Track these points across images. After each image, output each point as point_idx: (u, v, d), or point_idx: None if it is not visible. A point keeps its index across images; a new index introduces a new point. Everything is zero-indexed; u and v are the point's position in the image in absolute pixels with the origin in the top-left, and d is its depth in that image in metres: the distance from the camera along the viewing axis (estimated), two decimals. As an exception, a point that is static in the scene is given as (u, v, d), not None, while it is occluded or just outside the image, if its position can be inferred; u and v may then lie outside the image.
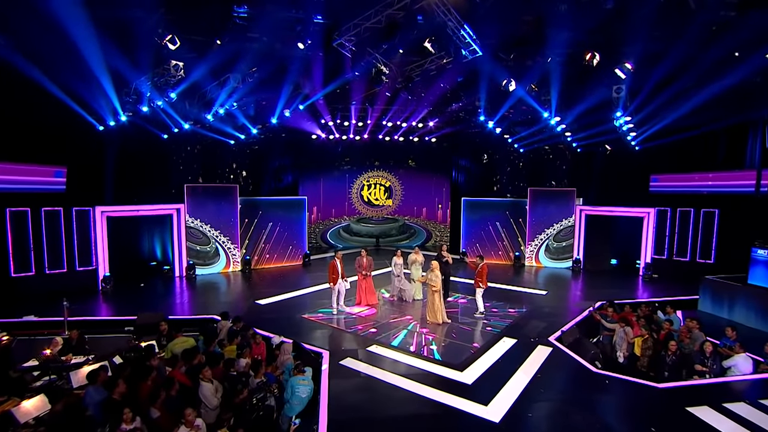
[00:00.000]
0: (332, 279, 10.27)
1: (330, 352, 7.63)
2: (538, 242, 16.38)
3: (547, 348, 7.88)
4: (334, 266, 10.27)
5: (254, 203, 15.78)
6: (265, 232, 15.97)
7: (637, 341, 7.82)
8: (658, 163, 15.09)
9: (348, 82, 13.54)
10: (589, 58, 11.68)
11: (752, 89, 12.23)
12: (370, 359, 7.45)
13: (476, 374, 6.78)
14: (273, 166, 19.22)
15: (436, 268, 9.34)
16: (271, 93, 13.27)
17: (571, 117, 14.01)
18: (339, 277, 10.26)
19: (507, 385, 6.38)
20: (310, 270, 15.50)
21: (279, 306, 10.91)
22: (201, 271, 14.44)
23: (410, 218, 21.05)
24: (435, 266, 9.42)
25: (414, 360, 7.40)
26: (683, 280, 13.07)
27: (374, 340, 8.41)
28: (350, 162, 20.37)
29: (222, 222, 14.94)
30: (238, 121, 15.35)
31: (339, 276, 10.26)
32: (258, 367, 5.80)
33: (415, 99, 15.15)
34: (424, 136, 19.56)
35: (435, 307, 9.24)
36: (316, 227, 20.48)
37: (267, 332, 8.15)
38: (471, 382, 6.50)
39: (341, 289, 10.44)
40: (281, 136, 17.92)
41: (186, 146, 15.63)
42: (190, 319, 9.67)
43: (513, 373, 6.80)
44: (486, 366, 7.10)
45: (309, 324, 9.47)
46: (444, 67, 12.67)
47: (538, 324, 9.34)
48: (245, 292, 12.54)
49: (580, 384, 6.60)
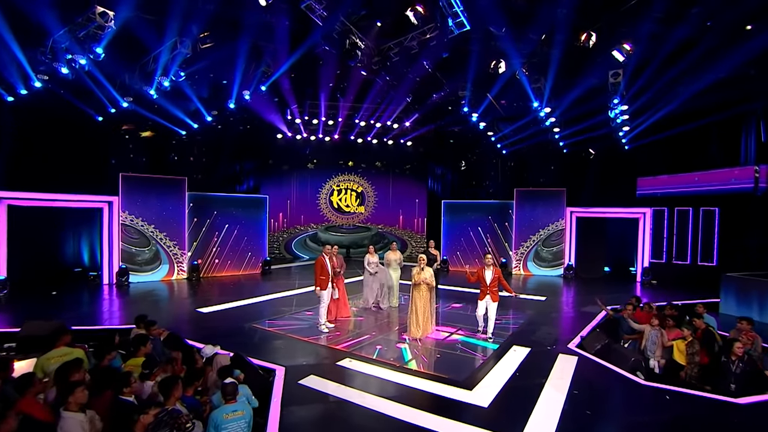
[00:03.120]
0: (320, 282, 7.56)
1: (286, 368, 5.58)
2: (525, 248, 14.94)
3: (571, 357, 6.15)
4: (323, 264, 7.58)
5: (207, 200, 13.52)
6: (219, 235, 13.69)
7: (678, 345, 6.25)
8: (649, 162, 14.19)
9: (317, 59, 11.87)
10: (585, 39, 10.60)
11: (747, 81, 11.53)
12: (341, 377, 5.46)
13: (491, 393, 4.92)
14: (232, 167, 17.09)
15: (423, 261, 7.27)
16: (227, 68, 11.36)
17: (563, 107, 12.88)
18: (329, 280, 7.64)
19: (537, 406, 4.56)
20: (270, 279, 13.28)
21: (225, 315, 8.70)
22: (137, 278, 11.93)
23: (384, 227, 19.24)
24: (424, 259, 7.37)
25: (403, 376, 5.45)
26: (686, 285, 11.91)
27: (348, 352, 6.40)
28: (319, 164, 18.53)
29: (166, 220, 12.59)
30: (190, 106, 13.28)
31: (329, 278, 7.64)
32: (170, 387, 3.67)
33: (392, 85, 13.65)
34: (399, 138, 18.12)
35: (423, 315, 7.07)
36: (280, 235, 18.33)
37: (199, 343, 5.98)
38: (487, 405, 4.63)
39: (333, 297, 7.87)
40: (241, 130, 15.88)
41: (126, 131, 13.27)
42: (100, 330, 7.30)
43: (539, 389, 5.00)
44: (501, 381, 5.26)
45: (261, 334, 7.34)
46: (426, 44, 11.25)
47: (550, 330, 7.65)
48: (187, 301, 10.20)
49: (633, 402, 4.87)
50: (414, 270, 7.17)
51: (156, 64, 10.21)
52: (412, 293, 7.11)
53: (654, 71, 10.93)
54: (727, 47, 9.98)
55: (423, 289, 7.03)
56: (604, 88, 12.05)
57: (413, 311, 7.03)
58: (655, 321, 6.67)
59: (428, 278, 7.04)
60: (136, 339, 4.89)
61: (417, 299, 7.01)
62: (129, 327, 6.34)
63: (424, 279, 7.02)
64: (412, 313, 7.05)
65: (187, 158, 14.30)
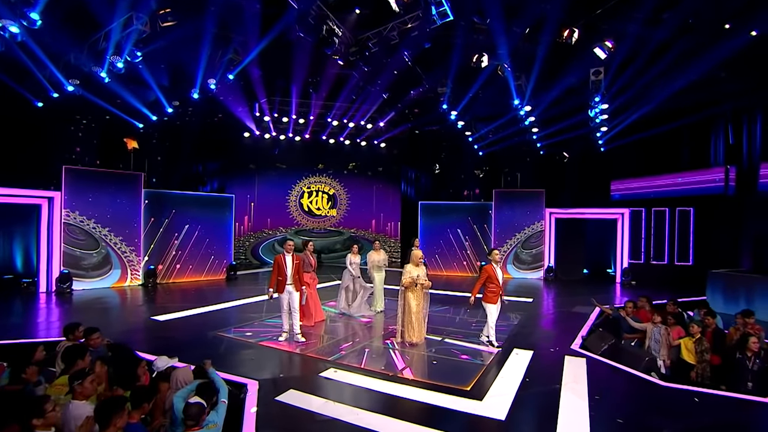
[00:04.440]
0: (275, 284, 6.36)
1: (260, 382, 4.69)
2: (505, 250, 14.59)
3: (578, 359, 5.62)
4: (280, 264, 6.36)
5: (166, 198, 12.24)
6: (180, 236, 12.44)
7: (686, 343, 5.86)
8: (623, 164, 14.30)
9: (290, 47, 11.07)
10: (567, 35, 10.43)
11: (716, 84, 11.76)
12: (327, 390, 4.63)
13: (505, 403, 4.25)
14: (194, 165, 15.85)
15: (418, 258, 6.48)
16: (191, 52, 10.33)
17: (543, 105, 12.70)
18: (286, 282, 6.33)
19: (561, 416, 3.93)
20: (237, 285, 12.16)
21: (186, 323, 7.61)
22: (82, 285, 10.51)
23: (357, 230, 18.46)
24: (419, 256, 6.53)
25: (399, 387, 4.69)
26: (664, 285, 11.87)
27: (331, 362, 5.57)
28: (289, 165, 17.56)
29: (118, 220, 11.25)
30: (149, 95, 12.07)
31: (286, 279, 6.33)
32: (110, 413, 2.75)
33: (369, 80, 13.03)
34: (373, 138, 17.53)
35: (417, 317, 6.30)
36: (247, 240, 17.15)
37: (151, 355, 4.98)
38: (504, 417, 3.94)
39: (293, 302, 6.41)
40: (205, 124, 14.71)
41: (72, 120, 11.81)
42: (22, 343, 6.05)
43: (556, 396, 4.39)
44: (512, 389, 4.61)
45: (228, 343, 6.36)
46: (407, 34, 10.73)
47: (546, 331, 7.15)
48: (141, 309, 8.98)
49: (662, 406, 4.33)
50: (407, 267, 6.40)
51: (108, 42, 9.05)
52: (405, 294, 6.33)
53: (635, 70, 10.91)
54: (704, 48, 10.07)
55: (417, 290, 6.28)
56: (584, 87, 11.98)
57: (407, 313, 6.24)
58: (657, 318, 6.29)
59: (423, 277, 6.29)
60: (70, 351, 3.87)
61: (411, 300, 6.24)
62: (59, 339, 5.22)
63: (417, 277, 6.26)
64: (406, 315, 6.26)
65: (145, 153, 12.97)
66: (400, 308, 6.38)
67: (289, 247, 6.44)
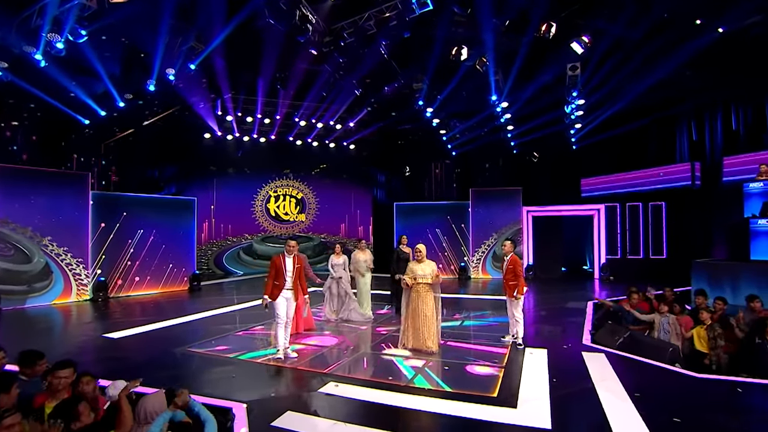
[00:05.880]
0: (269, 289, 5.32)
1: (248, 405, 3.86)
2: (484, 250, 14.32)
3: (595, 354, 5.20)
4: (278, 267, 5.36)
5: (116, 200, 10.90)
6: (135, 244, 11.10)
7: (698, 332, 5.62)
8: (595, 161, 14.51)
9: (258, 33, 10.21)
10: (545, 29, 10.33)
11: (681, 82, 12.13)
12: (332, 409, 3.87)
13: (542, 408, 3.68)
14: (150, 167, 14.45)
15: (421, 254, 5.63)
16: (147, 35, 9.25)
17: (519, 103, 12.59)
18: (285, 287, 5.33)
19: (612, 420, 3.41)
20: (201, 296, 10.99)
21: (146, 339, 6.52)
22: (13, 304, 9.00)
23: (328, 236, 17.59)
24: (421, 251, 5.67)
25: (416, 399, 4.01)
26: (642, 279, 11.93)
27: (329, 374, 4.80)
28: (254, 168, 16.50)
29: (61, 227, 9.81)
30: (97, 87, 10.74)
31: (285, 285, 5.32)
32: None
33: (341, 74, 12.36)
34: (342, 140, 16.85)
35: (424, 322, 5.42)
36: (209, 248, 15.83)
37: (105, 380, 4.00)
38: (550, 425, 3.36)
39: (288, 311, 5.41)
40: (165, 121, 13.42)
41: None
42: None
43: (593, 396, 3.89)
44: (542, 392, 4.07)
45: (201, 360, 5.42)
46: (385, 24, 10.22)
47: (550, 329, 6.74)
48: (89, 326, 7.72)
49: (712, 400, 3.94)
50: (410, 265, 5.66)
51: (43, 19, 7.83)
52: (411, 296, 5.56)
53: (611, 66, 10.98)
54: (674, 45, 10.28)
55: (423, 290, 5.49)
56: (559, 84, 11.98)
57: (409, 317, 5.49)
58: (664, 308, 6.05)
59: (430, 275, 5.48)
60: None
61: (419, 303, 5.45)
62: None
63: (423, 276, 5.47)
64: (409, 318, 5.51)
65: (91, 152, 11.54)
66: (404, 312, 5.66)
67: (291, 247, 5.42)
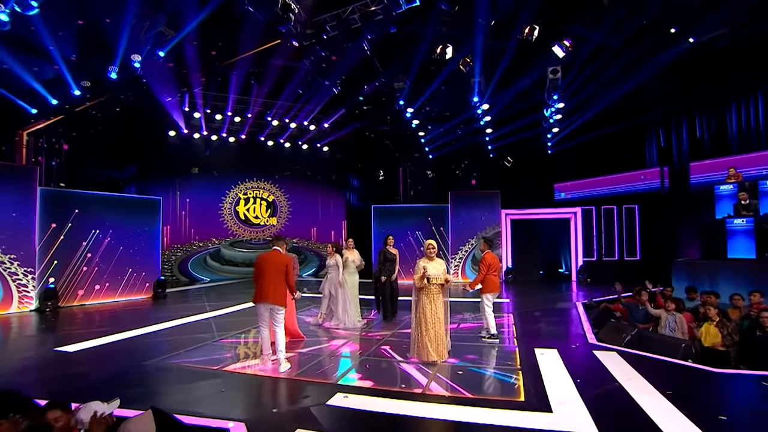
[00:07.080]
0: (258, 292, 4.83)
1: (247, 424, 3.29)
2: (463, 254, 14.18)
3: (607, 353, 5.01)
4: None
5: (69, 198, 9.79)
6: (90, 247, 10.01)
7: (708, 329, 5.58)
8: (569, 166, 14.83)
9: (235, 22, 9.58)
10: (528, 32, 10.40)
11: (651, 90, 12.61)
12: (347, 423, 3.38)
13: (579, 411, 3.37)
14: (107, 166, 13.27)
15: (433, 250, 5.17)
16: (110, 15, 8.39)
17: (499, 106, 12.62)
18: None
19: (658, 421, 3.15)
20: (167, 304, 10.05)
21: (109, 351, 5.70)
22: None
23: (300, 240, 16.89)
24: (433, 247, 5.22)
25: (437, 407, 3.59)
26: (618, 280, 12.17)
27: (334, 384, 4.29)
28: (222, 169, 15.62)
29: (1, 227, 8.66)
30: (48, 72, 9.67)
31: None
32: None
33: (320, 70, 11.86)
34: (316, 141, 16.32)
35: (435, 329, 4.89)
36: (173, 254, 14.76)
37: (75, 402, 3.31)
38: (597, 430, 3.06)
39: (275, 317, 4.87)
40: (126, 114, 12.35)
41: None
42: None
43: (625, 396, 3.64)
44: (571, 393, 3.77)
45: (179, 373, 4.73)
46: (369, 18, 9.90)
47: (549, 329, 6.53)
48: (35, 339, 6.73)
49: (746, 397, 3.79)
50: (420, 264, 5.08)
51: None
52: (420, 299, 5.02)
53: (590, 72, 11.19)
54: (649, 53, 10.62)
55: (433, 292, 4.98)
56: (538, 89, 12.13)
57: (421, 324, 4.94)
58: (671, 305, 6.01)
59: (441, 275, 4.97)
60: None
61: (426, 306, 4.94)
62: None
63: (436, 276, 4.92)
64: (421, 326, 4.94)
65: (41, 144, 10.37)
66: (413, 318, 5.10)
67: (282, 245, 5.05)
